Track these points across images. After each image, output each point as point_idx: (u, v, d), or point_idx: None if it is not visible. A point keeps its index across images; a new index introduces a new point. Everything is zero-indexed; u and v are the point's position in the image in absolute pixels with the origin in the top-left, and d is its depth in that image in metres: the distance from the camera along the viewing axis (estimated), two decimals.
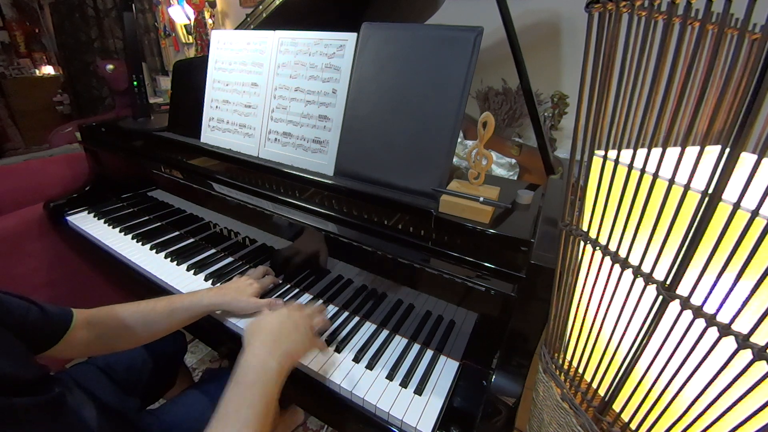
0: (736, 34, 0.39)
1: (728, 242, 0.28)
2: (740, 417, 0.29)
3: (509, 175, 1.09)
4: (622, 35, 0.34)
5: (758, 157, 0.25)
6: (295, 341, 0.55)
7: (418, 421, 0.59)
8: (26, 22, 3.96)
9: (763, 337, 0.27)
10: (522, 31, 1.34)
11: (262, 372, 0.50)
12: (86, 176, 1.30)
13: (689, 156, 0.29)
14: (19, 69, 3.88)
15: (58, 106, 3.86)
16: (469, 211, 0.65)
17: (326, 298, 0.84)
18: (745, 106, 0.25)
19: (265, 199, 0.83)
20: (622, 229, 0.36)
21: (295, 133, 0.86)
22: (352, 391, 0.64)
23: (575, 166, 0.43)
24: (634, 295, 0.37)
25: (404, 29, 0.74)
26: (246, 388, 0.48)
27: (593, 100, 0.38)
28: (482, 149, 0.66)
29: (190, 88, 1.05)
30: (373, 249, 0.69)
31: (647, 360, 0.36)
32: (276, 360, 0.52)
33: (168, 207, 1.10)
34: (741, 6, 0.27)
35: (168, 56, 3.03)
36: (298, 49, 0.85)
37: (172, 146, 1.06)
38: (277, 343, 0.53)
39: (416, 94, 0.72)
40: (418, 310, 0.73)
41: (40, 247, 1.19)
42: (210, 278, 0.89)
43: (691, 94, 0.31)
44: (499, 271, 0.61)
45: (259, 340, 0.54)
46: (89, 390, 0.70)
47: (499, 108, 1.37)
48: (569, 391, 0.47)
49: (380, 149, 0.75)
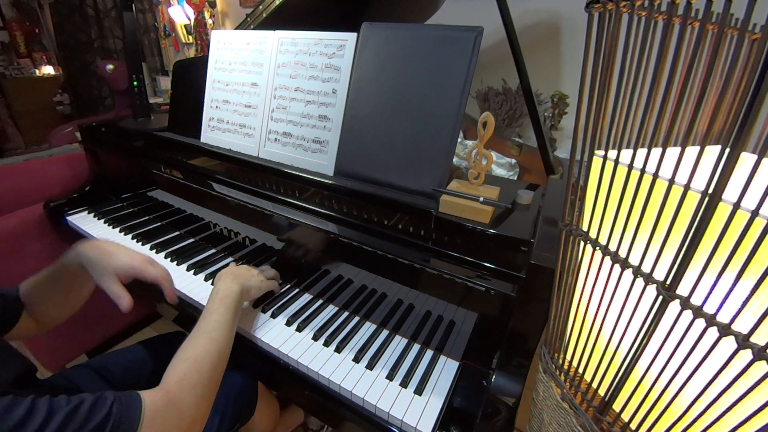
0: (736, 34, 0.39)
1: (728, 242, 0.28)
2: (740, 417, 0.29)
3: (509, 175, 1.09)
4: (622, 35, 0.34)
5: (758, 157, 0.25)
6: (248, 279, 0.74)
7: (418, 421, 0.59)
8: (26, 22, 3.97)
9: (763, 337, 0.27)
10: (522, 31, 1.34)
11: (228, 291, 0.68)
12: (86, 176, 1.30)
13: (689, 156, 0.29)
14: (19, 69, 3.88)
15: (58, 106, 3.86)
16: (469, 211, 0.65)
17: (326, 298, 0.84)
18: (745, 106, 0.25)
19: (265, 199, 0.83)
20: (622, 229, 0.36)
21: (295, 133, 0.86)
22: (352, 391, 0.64)
23: (575, 166, 0.43)
24: (634, 295, 0.37)
25: (404, 29, 0.74)
26: (214, 301, 0.65)
27: (593, 100, 0.38)
28: (482, 149, 0.66)
29: (190, 88, 1.05)
30: (373, 249, 0.69)
31: (647, 360, 0.36)
32: (237, 285, 0.70)
33: (168, 207, 1.10)
34: (741, 6, 0.27)
35: (168, 56, 3.02)
36: (298, 49, 0.85)
37: (172, 146, 1.06)
38: (237, 278, 0.72)
39: (416, 94, 0.72)
40: (418, 310, 0.73)
41: (40, 247, 1.19)
42: (210, 278, 0.89)
43: (691, 94, 0.31)
44: (499, 271, 0.61)
45: (223, 277, 0.72)
46: (85, 388, 0.71)
47: (499, 108, 1.37)
48: (569, 391, 0.47)
49: (380, 149, 0.76)
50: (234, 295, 0.67)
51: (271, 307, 0.81)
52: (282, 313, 0.80)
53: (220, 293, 0.67)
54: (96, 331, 1.39)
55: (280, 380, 0.73)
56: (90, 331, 1.36)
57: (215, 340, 0.59)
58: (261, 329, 0.75)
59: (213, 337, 0.59)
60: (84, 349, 1.37)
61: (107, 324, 1.42)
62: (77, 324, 1.28)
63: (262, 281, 0.78)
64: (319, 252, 0.79)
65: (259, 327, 0.76)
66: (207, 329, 0.60)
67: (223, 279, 0.72)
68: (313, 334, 0.74)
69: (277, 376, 0.72)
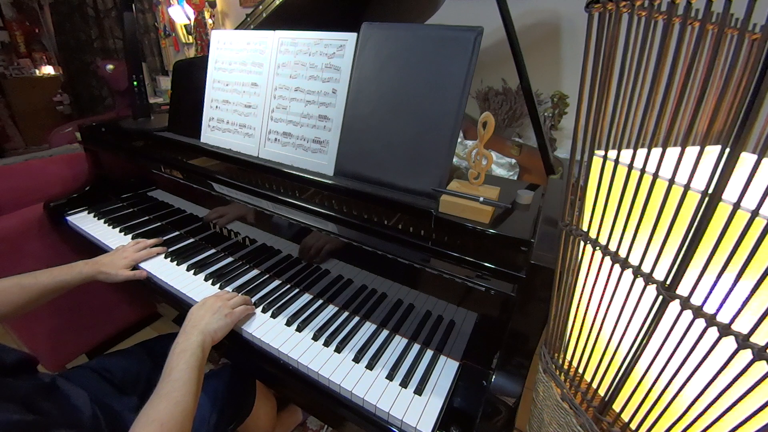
0: (736, 34, 0.39)
1: (728, 242, 0.28)
2: (740, 417, 0.29)
3: (509, 175, 1.09)
4: (622, 35, 0.34)
5: (758, 157, 0.25)
6: (209, 322, 0.70)
7: (418, 421, 0.59)
8: (26, 22, 3.97)
9: (763, 337, 0.27)
10: (522, 31, 1.35)
11: (186, 344, 0.65)
12: (86, 176, 1.30)
13: (689, 156, 0.29)
14: (19, 69, 3.88)
15: (58, 106, 3.86)
16: (469, 211, 0.65)
17: (326, 298, 0.84)
18: (745, 106, 0.25)
19: (265, 199, 0.83)
20: (622, 229, 0.36)
21: (295, 133, 0.86)
22: (352, 391, 0.64)
23: (575, 166, 0.43)
24: (634, 295, 0.37)
25: (404, 29, 0.74)
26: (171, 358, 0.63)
27: (593, 100, 0.38)
28: (482, 149, 0.66)
29: (190, 88, 1.05)
30: (373, 249, 0.69)
31: (647, 360, 0.36)
32: (195, 335, 0.67)
33: (168, 207, 1.10)
34: (741, 6, 0.27)
35: (168, 56, 3.02)
36: (298, 49, 0.85)
37: (172, 146, 1.06)
38: (196, 326, 0.69)
39: (416, 94, 0.72)
40: (418, 310, 0.73)
41: (40, 247, 1.19)
42: (210, 278, 0.89)
43: (691, 94, 0.31)
44: (499, 271, 0.61)
45: (186, 325, 0.70)
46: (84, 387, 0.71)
47: (499, 108, 1.37)
48: (569, 391, 0.47)
49: (380, 149, 0.76)
50: (193, 348, 0.64)
51: (271, 307, 0.81)
52: (282, 313, 0.80)
53: (178, 347, 0.64)
54: (96, 331, 1.39)
55: (279, 380, 0.73)
56: (90, 331, 1.36)
57: (178, 402, 0.56)
58: (261, 329, 0.75)
59: (175, 399, 0.56)
60: (84, 349, 1.37)
61: (107, 324, 1.42)
62: (77, 324, 1.29)
63: (227, 315, 0.72)
64: (319, 252, 0.79)
65: (258, 327, 0.76)
66: (166, 391, 0.57)
67: (181, 331, 0.68)
68: (313, 334, 0.74)
69: (277, 375, 0.72)
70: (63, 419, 0.59)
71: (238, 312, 0.74)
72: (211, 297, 0.77)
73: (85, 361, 0.87)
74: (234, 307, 0.75)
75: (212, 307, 0.73)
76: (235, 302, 0.76)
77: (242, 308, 0.76)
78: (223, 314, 0.72)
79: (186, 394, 0.57)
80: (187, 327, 0.69)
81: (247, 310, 0.77)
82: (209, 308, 0.73)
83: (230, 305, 0.75)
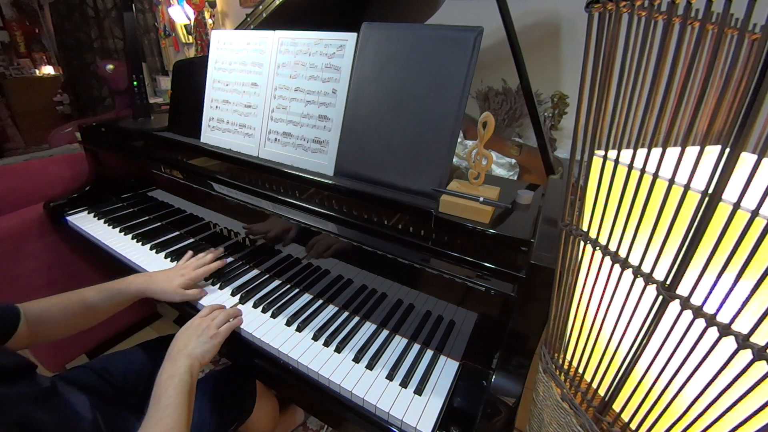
0: (736, 34, 0.39)
1: (728, 242, 0.28)
2: (740, 417, 0.29)
3: (509, 175, 1.09)
4: (622, 35, 0.34)
5: (758, 157, 0.25)
6: (195, 346, 0.69)
7: (418, 421, 0.59)
8: (26, 22, 3.97)
9: (763, 337, 0.27)
10: (522, 31, 1.35)
11: (173, 370, 0.64)
12: (86, 176, 1.30)
13: (689, 156, 0.29)
14: (19, 69, 3.88)
15: (58, 106, 3.86)
16: (469, 211, 0.65)
17: (326, 298, 0.84)
18: (745, 106, 0.25)
19: (265, 199, 0.83)
20: (622, 229, 0.36)
21: (295, 133, 0.86)
22: (352, 391, 0.64)
23: (575, 166, 0.43)
24: (634, 295, 0.37)
25: (404, 29, 0.74)
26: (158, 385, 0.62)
27: (593, 100, 0.38)
28: (482, 149, 0.66)
29: (190, 88, 1.05)
30: (373, 249, 0.69)
31: (647, 360, 0.36)
32: (182, 360, 0.65)
33: (168, 207, 1.10)
34: (741, 6, 0.27)
35: (168, 56, 3.02)
36: (298, 49, 0.85)
37: (172, 146, 1.06)
38: (181, 351, 0.67)
39: (416, 94, 0.72)
40: (418, 310, 0.73)
41: (40, 247, 1.19)
42: (210, 278, 0.89)
43: (691, 94, 0.31)
44: (499, 271, 0.61)
45: (171, 350, 0.68)
46: (84, 389, 0.71)
47: (499, 108, 1.37)
48: (569, 391, 0.47)
49: (380, 149, 0.76)
50: (180, 374, 0.63)
51: (271, 307, 0.81)
52: (282, 313, 0.80)
53: (165, 373, 0.63)
54: (96, 331, 1.38)
55: (279, 380, 0.73)
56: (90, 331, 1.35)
57: (171, 428, 0.56)
58: (261, 329, 0.75)
59: (168, 425, 0.56)
60: (84, 349, 1.37)
61: (107, 324, 1.40)
62: None
63: (213, 336, 0.71)
64: (319, 252, 0.79)
65: (259, 327, 0.76)
66: (158, 417, 0.57)
67: (167, 356, 0.67)
68: (313, 334, 0.74)
69: (277, 375, 0.72)
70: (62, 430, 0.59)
71: (223, 331, 0.73)
72: (195, 318, 0.75)
73: (85, 361, 0.87)
74: (219, 326, 0.73)
75: (197, 329, 0.72)
76: (220, 321, 0.74)
77: (227, 326, 0.74)
78: (208, 336, 0.71)
79: (178, 420, 0.57)
80: (172, 352, 0.67)
81: (233, 325, 0.76)
82: (194, 331, 0.71)
83: (215, 325, 0.73)
